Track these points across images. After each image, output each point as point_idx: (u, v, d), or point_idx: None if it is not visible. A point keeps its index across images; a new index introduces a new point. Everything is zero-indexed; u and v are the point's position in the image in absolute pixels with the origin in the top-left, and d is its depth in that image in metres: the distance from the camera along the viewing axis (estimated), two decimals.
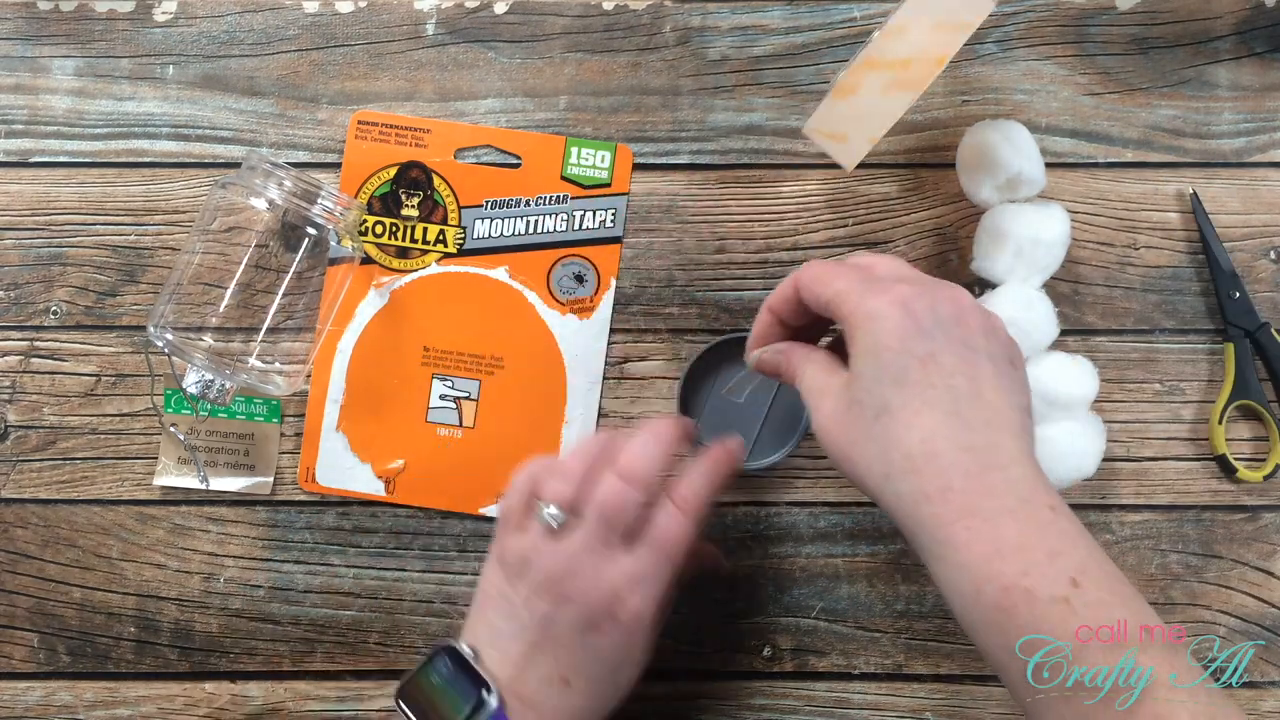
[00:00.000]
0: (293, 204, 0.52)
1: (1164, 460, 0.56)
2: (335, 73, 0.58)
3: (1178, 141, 0.58)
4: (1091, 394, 0.54)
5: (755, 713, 0.56)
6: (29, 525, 0.57)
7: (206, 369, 0.52)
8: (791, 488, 0.57)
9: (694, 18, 0.58)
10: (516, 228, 0.58)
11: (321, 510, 0.57)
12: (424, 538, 0.57)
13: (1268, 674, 0.56)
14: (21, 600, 0.57)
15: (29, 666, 0.57)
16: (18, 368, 0.57)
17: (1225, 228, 0.57)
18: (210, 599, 0.57)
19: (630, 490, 0.44)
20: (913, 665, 0.56)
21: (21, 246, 0.58)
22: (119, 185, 0.58)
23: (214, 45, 0.59)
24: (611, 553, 0.44)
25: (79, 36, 0.59)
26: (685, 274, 0.58)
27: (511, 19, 0.59)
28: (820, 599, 0.56)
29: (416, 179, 0.58)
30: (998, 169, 0.53)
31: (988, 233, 0.54)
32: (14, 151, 0.58)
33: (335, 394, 0.57)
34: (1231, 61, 0.58)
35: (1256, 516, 0.56)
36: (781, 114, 0.58)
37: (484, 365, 0.57)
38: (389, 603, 0.57)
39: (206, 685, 0.57)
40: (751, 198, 0.58)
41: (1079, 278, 0.57)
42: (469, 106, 0.58)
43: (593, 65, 0.58)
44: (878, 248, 0.57)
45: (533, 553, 0.45)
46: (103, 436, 0.57)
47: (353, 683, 0.57)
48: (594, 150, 0.58)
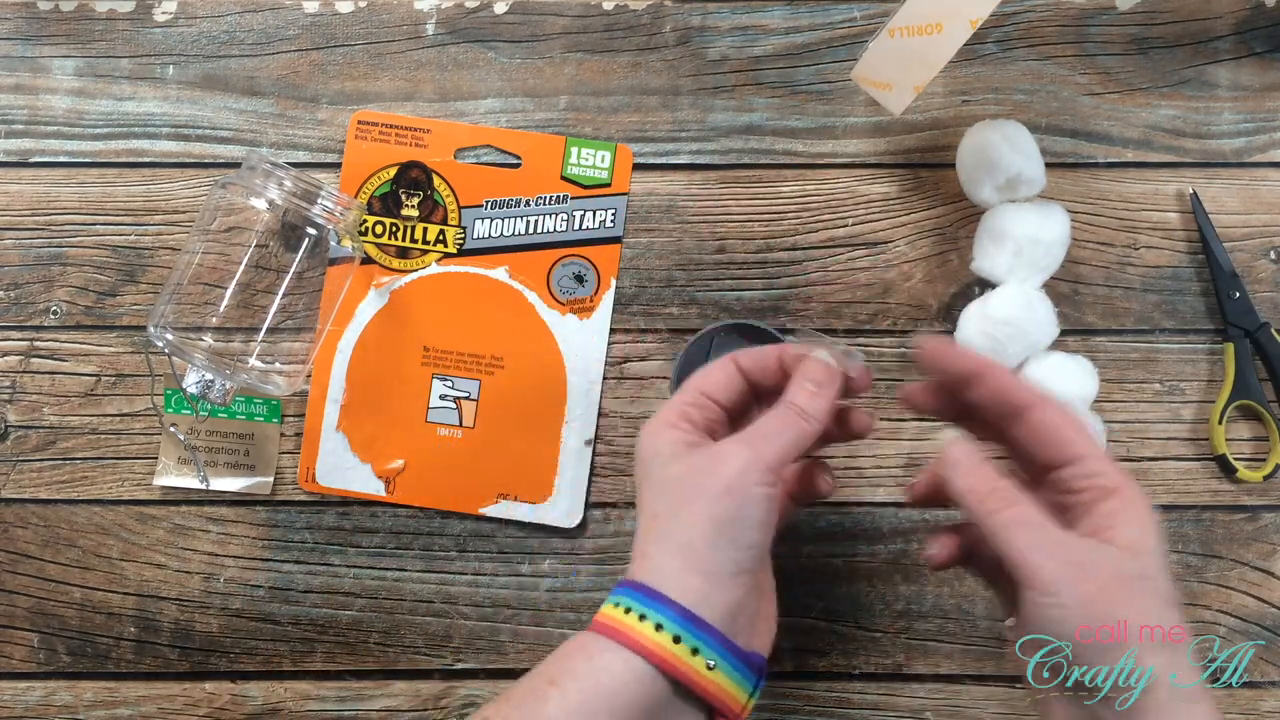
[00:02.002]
0: (293, 204, 0.52)
1: (1164, 460, 0.56)
2: (335, 73, 0.58)
3: (1178, 141, 0.58)
4: (1091, 394, 0.54)
5: (755, 713, 0.56)
6: (29, 525, 0.57)
7: (206, 369, 0.52)
8: None
9: (694, 18, 0.58)
10: (516, 228, 0.58)
11: (321, 510, 0.57)
12: (424, 538, 0.57)
13: (1268, 674, 0.56)
14: (21, 600, 0.57)
15: (29, 666, 0.57)
16: (18, 368, 0.57)
17: (1225, 228, 0.57)
18: (210, 599, 0.57)
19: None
20: (913, 665, 0.56)
21: (21, 246, 0.58)
22: (119, 185, 0.58)
23: (214, 45, 0.59)
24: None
25: (79, 36, 0.59)
26: (685, 274, 0.58)
27: (511, 19, 0.59)
28: (820, 599, 0.56)
29: (416, 179, 0.58)
30: (998, 169, 0.53)
31: (988, 233, 0.54)
32: (14, 151, 0.58)
33: (335, 394, 0.57)
34: (1231, 61, 0.58)
35: (1256, 516, 0.56)
36: (781, 114, 0.58)
37: (484, 365, 0.57)
38: (389, 603, 0.57)
39: (206, 685, 0.57)
40: (751, 198, 0.58)
41: (1079, 278, 0.57)
42: (469, 106, 0.58)
43: (593, 65, 0.58)
44: (878, 248, 0.57)
45: None
46: (103, 436, 0.57)
47: (353, 683, 0.57)
48: (594, 150, 0.58)
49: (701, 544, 0.40)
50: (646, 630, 0.39)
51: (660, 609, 0.39)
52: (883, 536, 0.57)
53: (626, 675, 0.39)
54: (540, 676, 0.40)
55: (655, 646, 0.39)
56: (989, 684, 0.56)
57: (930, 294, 0.57)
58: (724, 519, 0.40)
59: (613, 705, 0.38)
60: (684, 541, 0.40)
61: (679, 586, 0.39)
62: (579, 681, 0.39)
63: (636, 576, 0.41)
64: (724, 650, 0.39)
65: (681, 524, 0.40)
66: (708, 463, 0.41)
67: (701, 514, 0.40)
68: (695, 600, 0.39)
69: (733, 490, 0.40)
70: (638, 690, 0.39)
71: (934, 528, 0.56)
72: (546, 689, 0.39)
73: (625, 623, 0.39)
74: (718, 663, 0.39)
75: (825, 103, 0.58)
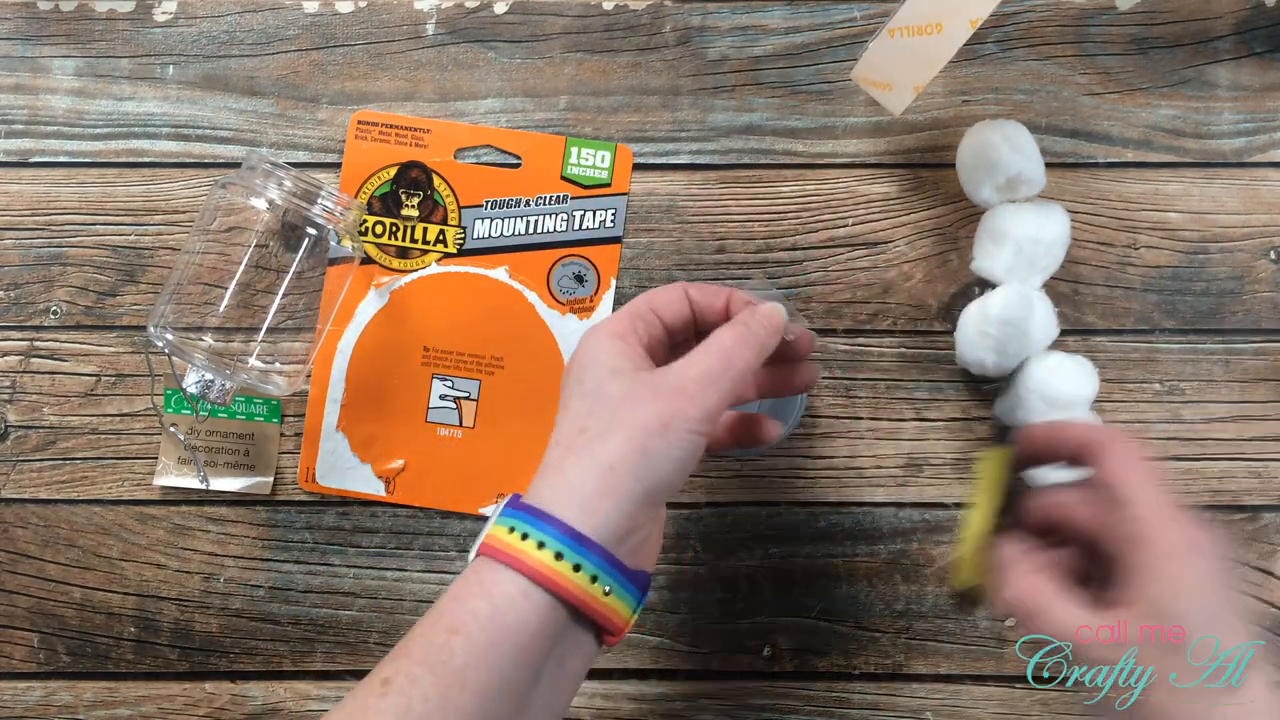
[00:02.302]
0: (293, 204, 0.52)
1: (1164, 460, 0.56)
2: (335, 73, 0.58)
3: (1178, 141, 0.58)
4: (1091, 394, 0.54)
5: (755, 713, 0.56)
6: (29, 525, 0.57)
7: (206, 369, 0.52)
8: (791, 488, 0.57)
9: (694, 18, 0.58)
10: (516, 228, 0.58)
11: (321, 510, 0.57)
12: (424, 538, 0.57)
13: None
14: (21, 600, 0.57)
15: (29, 666, 0.57)
16: (18, 368, 0.57)
17: (1225, 228, 0.57)
18: (210, 599, 0.57)
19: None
20: (913, 665, 0.56)
21: (21, 246, 0.58)
22: (119, 185, 0.58)
23: (214, 45, 0.59)
24: None
25: (79, 36, 0.59)
26: (685, 274, 0.58)
27: (511, 19, 0.59)
28: (820, 599, 0.56)
29: (416, 179, 0.58)
30: (998, 169, 0.53)
31: (988, 233, 0.54)
32: (14, 151, 0.58)
33: (335, 394, 0.57)
34: (1231, 61, 0.58)
35: (1256, 516, 0.56)
36: (781, 114, 0.58)
37: (484, 365, 0.57)
38: (389, 603, 0.57)
39: (206, 685, 0.57)
40: (751, 198, 0.58)
41: (1079, 278, 0.57)
42: (469, 106, 0.58)
43: (593, 65, 0.58)
44: (877, 248, 0.57)
45: None
46: (103, 436, 0.57)
47: (353, 683, 0.56)
48: (594, 150, 0.58)
49: (624, 469, 0.39)
50: (545, 558, 0.39)
51: (548, 530, 0.39)
52: (883, 536, 0.57)
53: (526, 609, 0.38)
54: (439, 625, 0.39)
55: (550, 572, 0.39)
56: (989, 684, 0.56)
57: (930, 294, 0.57)
58: (653, 453, 0.40)
59: (518, 642, 0.38)
60: (606, 463, 0.40)
61: (591, 508, 0.39)
62: (482, 625, 0.38)
63: (542, 490, 0.40)
64: (611, 569, 0.39)
65: (608, 446, 0.40)
66: (650, 395, 0.40)
67: (633, 442, 0.40)
68: (601, 522, 0.39)
69: (669, 429, 0.40)
70: (538, 622, 0.39)
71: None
72: (449, 639, 0.38)
73: (518, 548, 0.39)
74: (608, 585, 0.39)
75: (825, 103, 0.58)
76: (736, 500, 0.57)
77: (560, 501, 0.39)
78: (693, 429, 0.40)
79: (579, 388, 0.42)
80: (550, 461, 0.41)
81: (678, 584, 0.57)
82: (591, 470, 0.40)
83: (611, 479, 0.39)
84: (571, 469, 0.40)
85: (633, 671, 0.56)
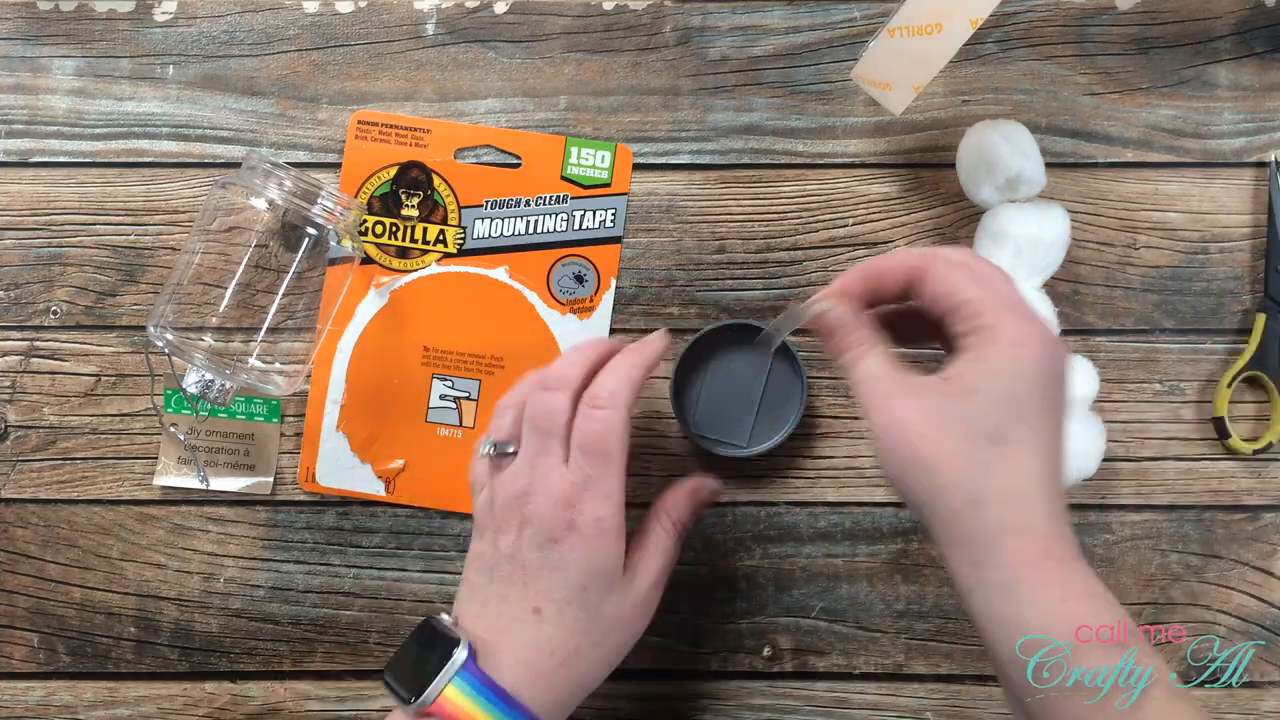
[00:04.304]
0: (293, 204, 0.52)
1: (1164, 460, 0.56)
2: (335, 73, 0.58)
3: (1178, 141, 0.58)
4: (1091, 394, 0.54)
5: (755, 713, 0.56)
6: (29, 525, 0.57)
7: (206, 369, 0.52)
8: (791, 488, 0.57)
9: (694, 18, 0.58)
10: (516, 228, 0.58)
11: (321, 510, 0.57)
12: (424, 538, 0.57)
13: (1268, 674, 0.56)
14: (21, 600, 0.57)
15: (29, 666, 0.57)
16: (18, 368, 0.57)
17: (1225, 228, 0.57)
18: (210, 599, 0.57)
19: (552, 395, 0.45)
20: (913, 665, 0.56)
21: (21, 246, 0.58)
22: (119, 185, 0.58)
23: (214, 45, 0.59)
24: (555, 463, 0.45)
25: (79, 36, 0.59)
26: (685, 274, 0.58)
27: (511, 19, 0.59)
28: (820, 599, 0.56)
29: (416, 179, 0.58)
30: (998, 169, 0.53)
31: (988, 233, 0.54)
32: (14, 151, 0.58)
33: (335, 394, 0.57)
34: (1231, 61, 0.58)
35: (1256, 516, 0.56)
36: (781, 114, 0.58)
37: (484, 365, 0.57)
38: (389, 603, 0.57)
39: (206, 685, 0.57)
40: (751, 198, 0.58)
41: (1079, 278, 0.57)
42: (469, 106, 0.58)
43: (593, 65, 0.58)
44: (878, 248, 0.57)
45: (490, 493, 0.46)
46: (103, 436, 0.57)
47: (353, 683, 0.57)
48: (594, 150, 0.58)
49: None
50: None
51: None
52: (883, 536, 0.57)
53: None
54: None
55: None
56: (989, 684, 0.56)
57: None
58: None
59: None
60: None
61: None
62: None
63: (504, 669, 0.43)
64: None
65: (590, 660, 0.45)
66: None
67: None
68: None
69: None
70: None
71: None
72: None
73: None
74: None
75: (825, 103, 0.58)
76: (736, 500, 0.57)
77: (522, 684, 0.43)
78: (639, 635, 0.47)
79: (583, 595, 0.44)
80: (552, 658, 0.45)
81: (678, 584, 0.57)
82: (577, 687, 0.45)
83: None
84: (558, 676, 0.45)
85: (633, 671, 0.56)
